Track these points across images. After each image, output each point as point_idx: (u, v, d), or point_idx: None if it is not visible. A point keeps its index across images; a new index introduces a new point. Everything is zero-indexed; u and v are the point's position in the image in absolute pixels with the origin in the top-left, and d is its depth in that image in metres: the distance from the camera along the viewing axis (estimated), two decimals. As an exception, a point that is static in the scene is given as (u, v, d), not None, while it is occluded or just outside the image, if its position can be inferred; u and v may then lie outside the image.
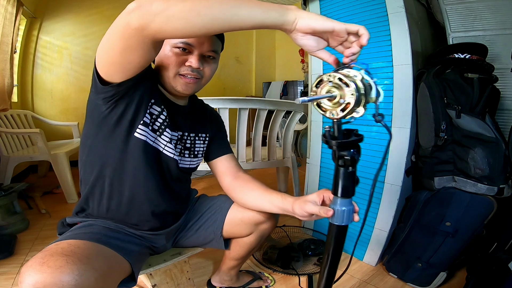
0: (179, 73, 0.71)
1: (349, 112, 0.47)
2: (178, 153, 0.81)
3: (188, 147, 0.84)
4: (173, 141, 0.78)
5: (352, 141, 0.51)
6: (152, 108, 0.72)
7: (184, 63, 0.70)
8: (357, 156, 0.51)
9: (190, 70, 0.71)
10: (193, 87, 0.74)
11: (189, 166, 0.85)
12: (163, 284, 0.92)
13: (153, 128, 0.73)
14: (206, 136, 0.89)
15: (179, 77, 0.72)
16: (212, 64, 0.75)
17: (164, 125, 0.74)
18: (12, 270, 1.21)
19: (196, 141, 0.86)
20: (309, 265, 1.29)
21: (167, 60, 0.70)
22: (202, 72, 0.74)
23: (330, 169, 1.43)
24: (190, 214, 0.92)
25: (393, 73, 1.16)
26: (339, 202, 0.55)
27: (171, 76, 0.71)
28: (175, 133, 0.79)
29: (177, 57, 0.70)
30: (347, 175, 0.53)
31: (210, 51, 0.72)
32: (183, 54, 0.70)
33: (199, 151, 0.87)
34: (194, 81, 0.73)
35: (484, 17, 1.24)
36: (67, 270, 0.48)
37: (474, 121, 1.04)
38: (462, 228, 1.06)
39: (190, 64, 0.70)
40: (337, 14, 1.30)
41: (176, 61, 0.70)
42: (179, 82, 0.72)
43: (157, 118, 0.73)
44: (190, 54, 0.70)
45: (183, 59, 0.70)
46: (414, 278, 1.15)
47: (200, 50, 0.70)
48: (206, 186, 2.45)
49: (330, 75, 0.48)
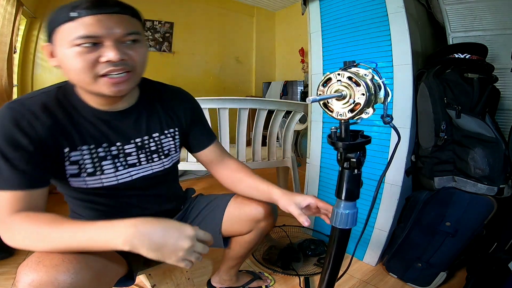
0: (99, 74, 0.56)
1: (358, 112, 0.45)
2: (146, 160, 0.72)
3: (155, 150, 0.74)
4: (133, 154, 0.69)
5: (360, 143, 0.49)
6: (72, 153, 0.61)
7: (98, 60, 0.55)
8: (363, 159, 0.50)
9: (112, 65, 0.55)
10: (127, 85, 0.59)
11: (163, 168, 0.77)
12: (162, 284, 0.92)
13: (89, 172, 0.64)
14: (175, 131, 0.78)
15: (101, 79, 0.56)
16: (139, 48, 0.59)
17: (101, 156, 0.64)
18: (12, 270, 1.21)
19: (162, 141, 0.75)
20: (309, 266, 1.29)
21: (74, 64, 0.54)
22: (130, 61, 0.58)
23: (330, 169, 1.43)
24: (189, 214, 0.91)
25: (393, 73, 1.16)
26: (342, 205, 0.54)
27: (89, 81, 0.56)
28: (130, 145, 0.69)
29: (86, 57, 0.54)
30: (353, 177, 0.51)
31: (127, 35, 0.57)
32: (91, 50, 0.54)
33: (170, 150, 0.77)
34: (124, 77, 0.58)
35: (484, 17, 1.24)
36: (63, 269, 0.48)
37: (474, 121, 1.04)
38: (462, 228, 1.06)
39: (109, 59, 0.54)
40: (337, 14, 1.30)
41: (87, 61, 0.54)
42: (104, 85, 0.57)
43: (86, 158, 0.63)
44: (102, 47, 0.55)
45: (95, 56, 0.54)
46: (414, 278, 1.15)
47: (112, 37, 0.55)
48: (206, 186, 2.44)
49: (339, 74, 0.46)
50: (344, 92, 0.45)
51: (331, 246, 0.57)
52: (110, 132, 0.66)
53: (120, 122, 0.67)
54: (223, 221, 0.87)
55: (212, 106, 1.51)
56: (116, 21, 0.55)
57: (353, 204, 0.54)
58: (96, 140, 0.64)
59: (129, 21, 0.58)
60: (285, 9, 4.35)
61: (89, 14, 0.53)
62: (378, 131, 1.21)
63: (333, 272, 0.59)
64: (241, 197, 0.88)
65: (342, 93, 0.45)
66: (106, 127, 0.65)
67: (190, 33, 3.66)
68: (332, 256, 0.58)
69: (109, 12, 0.55)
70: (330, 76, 0.47)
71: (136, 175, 0.71)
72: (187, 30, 3.63)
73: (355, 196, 0.53)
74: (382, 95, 0.46)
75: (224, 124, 1.56)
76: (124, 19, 0.57)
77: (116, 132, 0.67)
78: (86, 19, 0.53)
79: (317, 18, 1.38)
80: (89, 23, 0.53)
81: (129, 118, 0.69)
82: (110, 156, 0.66)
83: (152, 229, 0.51)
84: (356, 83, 0.44)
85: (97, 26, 0.53)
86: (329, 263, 0.58)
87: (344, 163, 0.50)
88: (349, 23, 1.26)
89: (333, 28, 1.33)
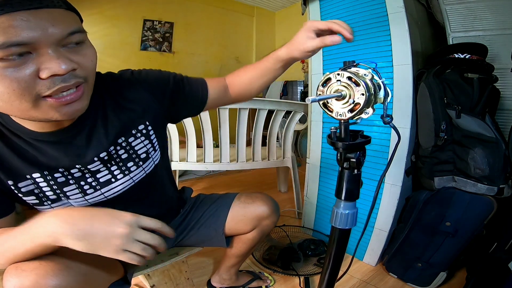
0: (41, 95, 0.41)
1: (358, 112, 0.45)
2: (121, 173, 0.60)
3: (126, 158, 0.60)
4: (103, 170, 0.58)
5: (360, 143, 0.49)
6: (20, 184, 0.51)
7: (36, 77, 0.40)
8: (362, 159, 0.50)
9: (59, 81, 0.41)
10: (82, 102, 0.46)
11: (146, 173, 0.65)
12: (161, 285, 0.92)
13: (52, 199, 0.55)
14: (146, 126, 0.63)
15: (44, 102, 0.42)
16: (86, 50, 0.46)
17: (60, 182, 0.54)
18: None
19: (133, 144, 0.61)
20: (309, 266, 1.29)
21: (0, 88, 0.39)
22: (80, 70, 0.44)
23: (330, 169, 1.43)
24: (191, 215, 0.91)
25: (393, 73, 1.16)
26: (342, 205, 0.54)
27: (25, 107, 0.41)
28: (94, 163, 0.56)
29: (15, 75, 0.38)
30: (353, 177, 0.52)
31: (68, 35, 0.42)
32: (20, 63, 0.39)
33: (148, 150, 0.64)
34: (77, 94, 0.44)
35: (484, 17, 1.24)
36: (42, 272, 0.46)
37: (474, 121, 1.04)
38: (462, 228, 1.06)
39: (53, 73, 0.40)
40: (337, 14, 1.30)
41: (19, 81, 0.39)
42: (51, 109, 0.43)
43: (42, 185, 0.53)
44: (35, 57, 0.40)
45: (30, 72, 0.39)
46: (414, 278, 1.15)
47: (50, 41, 0.40)
48: (206, 186, 2.44)
49: (338, 74, 0.46)
50: (344, 92, 0.45)
51: (331, 246, 0.57)
52: (62, 155, 0.53)
53: (72, 140, 0.54)
54: (227, 221, 0.87)
55: (212, 106, 1.51)
56: (49, 18, 0.40)
57: (353, 204, 0.54)
58: (48, 166, 0.52)
59: (66, 17, 0.43)
60: (285, 9, 4.35)
61: (3, 12, 0.37)
62: (378, 131, 1.21)
63: (333, 272, 0.59)
64: (244, 196, 0.89)
65: (342, 93, 0.45)
66: (55, 150, 0.52)
67: (190, 33, 3.66)
68: (332, 256, 0.58)
69: (34, 7, 0.39)
70: (330, 76, 0.47)
71: (112, 194, 0.60)
72: (187, 30, 3.63)
73: (355, 196, 0.53)
74: (382, 95, 0.46)
75: (224, 124, 1.56)
76: (59, 15, 0.41)
77: (71, 154, 0.53)
78: (4, 20, 0.37)
79: (317, 18, 1.38)
80: (10, 24, 0.37)
81: (82, 133, 0.54)
82: (72, 180, 0.55)
83: (78, 216, 0.45)
84: (356, 83, 0.44)
85: (23, 28, 0.37)
86: (329, 263, 0.58)
87: (344, 163, 0.51)
88: (349, 23, 1.23)
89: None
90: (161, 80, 0.65)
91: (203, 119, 1.55)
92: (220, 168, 1.65)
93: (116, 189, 0.61)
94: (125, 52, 3.21)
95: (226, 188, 2.38)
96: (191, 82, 0.70)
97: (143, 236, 0.47)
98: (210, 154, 1.61)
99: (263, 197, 0.88)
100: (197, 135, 1.60)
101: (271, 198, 0.89)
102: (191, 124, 1.57)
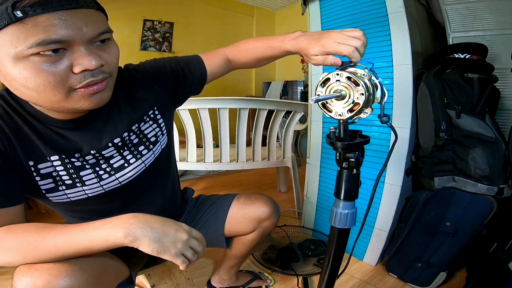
0: (74, 88, 0.46)
1: (357, 112, 0.45)
2: (134, 158, 0.64)
3: (138, 142, 0.65)
4: (116, 156, 0.61)
5: (359, 143, 0.50)
6: (40, 166, 0.53)
7: (70, 72, 0.45)
8: (361, 158, 0.50)
9: (89, 75, 0.46)
10: (107, 92, 0.51)
11: (155, 156, 0.68)
12: (161, 284, 0.92)
13: (68, 183, 0.56)
14: (154, 110, 0.67)
15: (75, 93, 0.47)
16: (111, 48, 0.51)
17: (77, 166, 0.56)
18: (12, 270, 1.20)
19: (143, 129, 0.66)
20: (309, 266, 1.29)
21: (36, 81, 0.43)
22: (107, 66, 0.49)
23: (330, 169, 1.43)
24: (192, 215, 0.91)
25: (393, 73, 1.16)
26: (341, 204, 0.54)
27: (59, 98, 0.46)
28: (108, 149, 0.60)
29: (52, 69, 0.43)
30: (351, 177, 0.52)
31: (99, 34, 0.47)
32: (56, 58, 0.43)
33: (156, 134, 0.68)
34: (103, 85, 0.49)
35: (484, 17, 1.24)
36: (55, 272, 0.47)
37: (474, 121, 1.04)
38: (462, 228, 1.06)
39: (85, 68, 0.45)
40: (337, 14, 1.30)
41: (55, 75, 0.43)
42: (81, 99, 0.48)
43: (59, 169, 0.55)
44: (68, 53, 0.44)
45: (64, 66, 0.44)
46: (414, 278, 1.15)
47: (83, 39, 0.44)
48: (206, 186, 2.45)
49: (337, 74, 0.46)
50: (344, 92, 0.46)
51: (330, 246, 0.58)
52: (79, 140, 0.57)
53: (90, 127, 0.58)
54: (227, 221, 0.87)
55: (212, 106, 1.51)
56: (84, 18, 0.44)
57: (352, 204, 0.54)
58: (66, 151, 0.56)
59: (97, 17, 0.48)
60: (285, 9, 4.35)
61: (45, 11, 0.40)
62: (377, 131, 1.21)
63: (332, 272, 0.60)
64: (244, 197, 0.89)
65: (342, 93, 0.46)
66: (74, 136, 0.56)
67: (190, 33, 3.66)
68: (331, 255, 0.58)
69: (72, 7, 0.43)
70: (329, 76, 0.47)
71: (126, 179, 0.63)
72: (187, 30, 3.63)
73: (354, 196, 0.53)
74: (379, 95, 0.47)
75: (224, 124, 1.57)
76: (92, 15, 0.46)
77: (87, 139, 0.57)
78: (42, 19, 0.40)
79: (317, 18, 1.38)
80: (49, 23, 0.41)
81: (98, 121, 0.59)
82: (88, 165, 0.58)
83: (151, 219, 0.51)
84: (355, 83, 0.44)
85: (62, 27, 0.41)
86: (329, 262, 0.59)
87: (343, 163, 0.51)
88: (349, 23, 1.26)
89: (333, 28, 1.33)
90: (159, 68, 0.70)
91: (203, 119, 1.56)
92: (220, 168, 1.66)
93: (129, 174, 0.64)
94: (125, 52, 3.19)
95: (226, 188, 2.38)
96: (188, 62, 0.73)
97: (194, 243, 0.54)
98: (210, 154, 1.61)
99: (263, 198, 0.88)
100: (197, 135, 1.61)
101: (271, 199, 0.89)
102: (191, 124, 1.58)
